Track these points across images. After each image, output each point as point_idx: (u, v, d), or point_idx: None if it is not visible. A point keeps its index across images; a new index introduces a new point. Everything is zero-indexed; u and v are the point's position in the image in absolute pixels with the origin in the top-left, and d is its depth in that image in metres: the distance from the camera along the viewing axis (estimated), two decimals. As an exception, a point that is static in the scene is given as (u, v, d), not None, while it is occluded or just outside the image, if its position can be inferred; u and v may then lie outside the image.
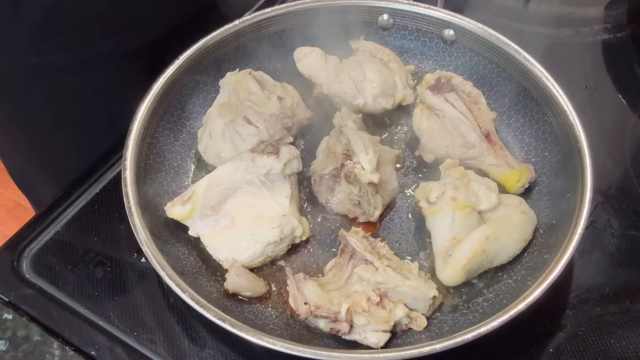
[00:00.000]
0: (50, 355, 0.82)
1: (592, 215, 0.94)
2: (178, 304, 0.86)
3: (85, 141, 1.09)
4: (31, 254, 0.91)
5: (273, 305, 0.86)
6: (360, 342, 0.81)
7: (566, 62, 1.15)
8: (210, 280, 0.87)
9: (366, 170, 0.90)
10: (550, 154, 0.96)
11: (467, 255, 0.84)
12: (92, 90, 1.09)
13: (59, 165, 1.17)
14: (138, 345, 0.83)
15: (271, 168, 0.91)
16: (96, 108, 1.10)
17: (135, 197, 0.86)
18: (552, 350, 0.83)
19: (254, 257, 0.87)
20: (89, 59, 1.05)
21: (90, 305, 0.86)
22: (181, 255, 0.88)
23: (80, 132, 1.13)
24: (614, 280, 0.89)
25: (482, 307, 0.84)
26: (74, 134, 1.13)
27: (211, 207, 0.89)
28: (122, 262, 0.90)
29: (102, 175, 0.99)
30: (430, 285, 0.83)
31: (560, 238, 0.83)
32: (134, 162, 0.90)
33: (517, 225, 0.88)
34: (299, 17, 1.06)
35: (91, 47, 1.03)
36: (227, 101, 0.99)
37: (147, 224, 0.85)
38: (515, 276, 0.87)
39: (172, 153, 0.99)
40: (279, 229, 0.87)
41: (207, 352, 0.83)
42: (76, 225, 0.94)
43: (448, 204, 0.88)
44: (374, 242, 0.87)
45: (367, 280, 0.83)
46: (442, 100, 0.99)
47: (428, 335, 0.82)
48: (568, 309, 0.87)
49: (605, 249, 0.92)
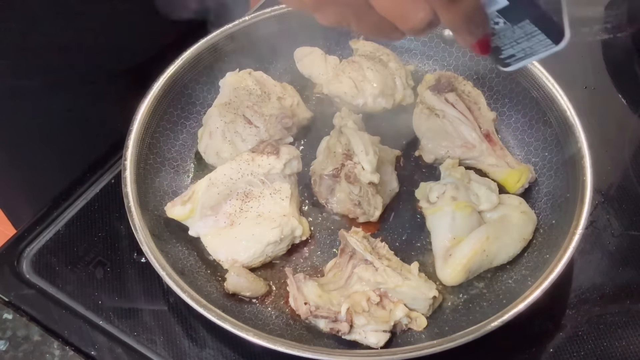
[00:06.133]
0: (50, 355, 0.82)
1: (592, 215, 0.94)
2: (178, 304, 0.86)
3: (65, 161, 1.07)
4: (31, 254, 0.91)
5: (273, 305, 0.86)
6: (360, 342, 0.81)
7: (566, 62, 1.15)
8: (210, 280, 0.87)
9: (366, 170, 0.90)
10: (550, 154, 0.96)
11: (467, 255, 0.84)
12: (73, 109, 1.06)
13: (37, 186, 1.14)
14: (138, 345, 0.83)
15: (271, 168, 0.91)
16: (78, 126, 1.08)
17: (135, 197, 0.86)
18: (552, 350, 0.83)
19: (254, 257, 0.87)
20: (70, 81, 1.02)
21: (90, 305, 0.86)
22: (181, 255, 0.88)
23: (59, 152, 1.10)
24: (614, 280, 0.89)
25: (482, 307, 0.84)
26: (51, 155, 1.11)
27: (211, 207, 0.89)
28: (122, 262, 0.90)
29: (102, 175, 0.99)
30: (430, 285, 0.83)
31: (560, 238, 0.83)
32: (134, 162, 0.90)
33: (517, 225, 0.88)
34: (299, 17, 1.06)
35: (72, 69, 1.01)
36: (227, 101, 0.99)
37: (147, 224, 0.85)
38: (515, 276, 0.87)
39: (172, 153, 0.99)
40: (278, 229, 0.87)
41: (207, 352, 0.83)
42: (76, 225, 0.94)
43: (448, 204, 0.88)
44: (374, 242, 0.87)
45: (367, 280, 0.83)
46: (442, 101, 0.99)
47: (428, 335, 0.82)
48: (568, 309, 0.87)
49: (605, 249, 0.92)
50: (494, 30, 0.60)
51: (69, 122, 1.08)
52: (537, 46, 0.62)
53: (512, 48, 0.63)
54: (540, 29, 0.59)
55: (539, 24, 0.59)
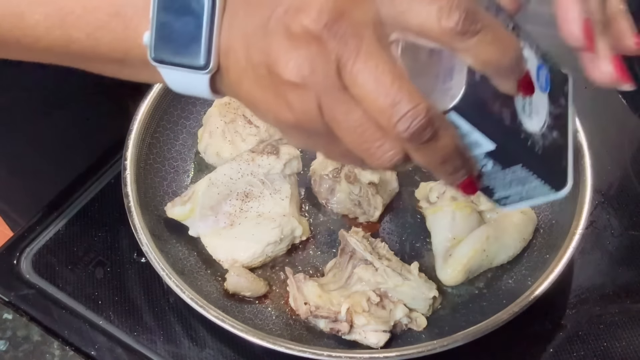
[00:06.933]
0: (50, 355, 0.82)
1: (592, 215, 0.94)
2: (178, 304, 0.86)
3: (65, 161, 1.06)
4: (31, 254, 0.91)
5: (273, 305, 0.86)
6: (360, 342, 0.81)
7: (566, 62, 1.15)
8: (210, 280, 0.87)
9: (366, 171, 0.90)
10: (550, 154, 0.96)
11: (467, 255, 0.84)
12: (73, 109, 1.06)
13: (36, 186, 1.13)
14: (138, 345, 0.83)
15: (271, 168, 0.91)
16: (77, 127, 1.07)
17: (135, 197, 0.86)
18: (552, 350, 0.83)
19: (254, 257, 0.87)
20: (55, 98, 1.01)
21: (90, 305, 0.86)
22: (181, 255, 0.88)
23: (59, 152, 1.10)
24: (614, 280, 0.89)
25: (482, 307, 0.84)
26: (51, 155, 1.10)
27: (211, 207, 0.89)
28: (122, 262, 0.90)
29: (102, 175, 0.99)
30: (430, 285, 0.83)
31: (560, 238, 0.83)
32: (134, 162, 0.90)
33: (517, 225, 0.88)
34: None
35: (58, 86, 1.00)
36: (227, 101, 0.99)
37: (147, 224, 0.85)
38: (515, 276, 0.87)
39: (172, 153, 0.99)
40: (278, 229, 0.87)
41: (207, 352, 0.83)
42: (76, 225, 0.94)
43: (448, 204, 0.88)
44: (374, 242, 0.87)
45: (367, 280, 0.83)
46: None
47: (428, 335, 0.82)
48: (568, 309, 0.87)
49: (605, 249, 0.92)
50: (481, 172, 0.51)
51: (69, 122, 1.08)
52: (534, 192, 0.53)
53: (506, 190, 0.54)
54: (536, 175, 0.51)
55: (534, 169, 0.51)
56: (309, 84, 0.42)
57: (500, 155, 0.49)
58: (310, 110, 0.44)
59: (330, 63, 0.42)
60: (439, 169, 0.47)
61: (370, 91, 0.42)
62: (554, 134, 0.52)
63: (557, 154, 0.53)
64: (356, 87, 0.42)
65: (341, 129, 0.44)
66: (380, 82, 0.42)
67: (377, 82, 0.42)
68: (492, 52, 0.43)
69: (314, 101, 0.43)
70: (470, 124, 0.46)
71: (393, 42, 0.45)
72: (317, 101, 0.43)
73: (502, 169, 0.50)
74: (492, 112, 0.47)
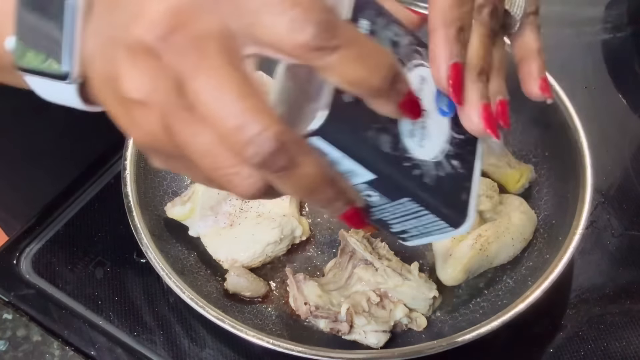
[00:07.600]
0: (50, 355, 0.82)
1: (592, 215, 0.94)
2: (178, 304, 0.86)
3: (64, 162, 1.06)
4: (31, 254, 0.91)
5: (273, 305, 0.86)
6: (360, 342, 0.81)
7: (566, 62, 1.15)
8: (210, 280, 0.87)
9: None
10: (550, 154, 0.96)
11: (467, 255, 0.84)
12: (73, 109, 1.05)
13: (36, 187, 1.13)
14: (138, 345, 0.83)
15: (271, 168, 0.91)
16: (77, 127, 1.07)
17: (135, 197, 0.86)
18: (552, 350, 0.83)
19: (254, 257, 0.87)
20: None
21: (90, 305, 0.86)
22: (181, 255, 0.88)
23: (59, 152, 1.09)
24: (614, 280, 0.89)
25: (482, 307, 0.85)
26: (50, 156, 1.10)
27: (211, 207, 0.89)
28: (122, 262, 0.90)
29: (102, 175, 0.99)
30: (430, 285, 0.83)
31: (560, 238, 0.83)
32: (134, 162, 0.90)
33: (517, 225, 0.88)
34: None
35: None
36: (227, 101, 0.99)
37: (147, 224, 0.85)
38: (515, 276, 0.87)
39: (172, 153, 0.99)
40: (278, 229, 0.87)
41: (207, 352, 0.83)
42: (76, 225, 0.94)
43: (448, 204, 0.88)
44: (374, 242, 0.87)
45: (367, 280, 0.83)
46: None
47: (428, 335, 0.82)
48: (568, 309, 0.87)
49: (605, 249, 0.92)
50: (368, 203, 0.45)
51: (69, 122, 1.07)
52: (431, 227, 0.47)
53: (402, 225, 0.48)
54: (428, 210, 0.45)
55: (424, 202, 0.44)
56: (151, 103, 0.38)
57: (383, 185, 0.43)
58: (156, 132, 0.39)
59: (169, 80, 0.37)
60: (310, 200, 0.42)
61: (214, 111, 0.37)
62: (454, 163, 0.46)
63: (455, 186, 0.46)
64: (200, 107, 0.37)
65: (191, 152, 0.39)
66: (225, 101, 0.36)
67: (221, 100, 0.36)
68: (358, 71, 0.37)
69: (159, 122, 0.38)
70: (339, 150, 0.40)
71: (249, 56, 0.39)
72: (163, 122, 0.38)
73: (390, 201, 0.44)
74: (366, 137, 0.41)
